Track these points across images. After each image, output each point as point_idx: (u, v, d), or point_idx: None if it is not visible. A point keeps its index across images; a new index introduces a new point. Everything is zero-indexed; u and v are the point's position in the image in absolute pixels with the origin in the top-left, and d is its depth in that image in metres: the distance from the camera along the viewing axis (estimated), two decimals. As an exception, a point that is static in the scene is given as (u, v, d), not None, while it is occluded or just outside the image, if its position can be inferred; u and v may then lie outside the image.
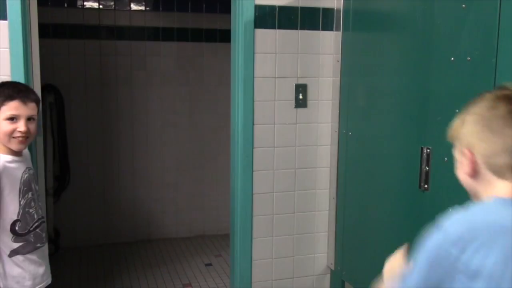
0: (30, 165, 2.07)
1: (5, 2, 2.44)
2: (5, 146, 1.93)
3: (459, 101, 1.89)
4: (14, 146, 1.93)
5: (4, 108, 1.88)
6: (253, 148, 2.87)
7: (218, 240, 4.73)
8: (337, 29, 2.87)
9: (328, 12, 2.91)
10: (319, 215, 3.06)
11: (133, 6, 4.52)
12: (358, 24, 2.71)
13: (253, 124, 2.86)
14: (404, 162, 2.24)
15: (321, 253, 3.09)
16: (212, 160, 4.83)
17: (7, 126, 1.89)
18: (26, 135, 1.93)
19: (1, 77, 2.48)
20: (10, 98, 1.90)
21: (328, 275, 3.12)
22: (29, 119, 1.95)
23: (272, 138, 2.91)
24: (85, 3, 4.40)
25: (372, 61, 2.58)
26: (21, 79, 2.47)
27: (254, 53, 2.81)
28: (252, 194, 2.90)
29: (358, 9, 2.70)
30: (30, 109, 1.94)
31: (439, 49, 2.00)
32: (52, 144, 4.09)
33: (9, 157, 1.93)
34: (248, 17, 2.77)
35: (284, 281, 3.05)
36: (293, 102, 2.92)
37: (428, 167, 2.05)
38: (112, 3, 4.46)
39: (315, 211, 3.05)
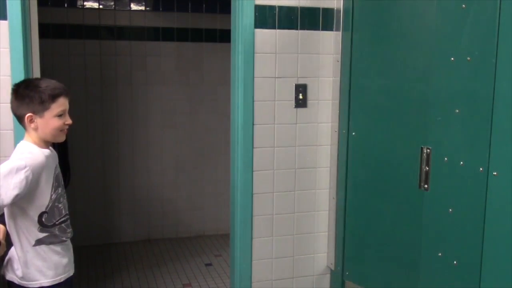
0: (57, 162, 2.13)
1: (5, 2, 2.44)
2: (42, 140, 2.00)
3: (459, 101, 1.90)
4: (61, 138, 2.06)
5: (54, 105, 1.95)
6: (253, 148, 2.87)
7: (218, 240, 4.73)
8: (337, 29, 2.88)
9: (328, 12, 2.91)
10: (319, 215, 3.06)
11: (133, 6, 4.52)
12: (358, 24, 2.71)
13: (253, 124, 2.86)
14: (404, 162, 2.24)
15: (321, 253, 3.09)
16: (212, 160, 4.83)
17: (58, 122, 1.98)
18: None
19: (1, 77, 2.48)
20: (58, 95, 1.96)
21: (328, 275, 3.12)
22: None
23: (272, 138, 2.91)
24: (85, 3, 4.40)
25: (372, 61, 2.58)
26: (21, 79, 2.47)
27: (254, 53, 2.81)
28: (252, 194, 2.91)
29: (358, 9, 2.70)
30: (68, 102, 2.03)
31: (439, 49, 2.00)
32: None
33: (47, 151, 2.01)
34: (248, 17, 2.77)
35: (284, 281, 3.05)
36: (293, 102, 2.92)
37: (428, 167, 2.05)
38: (112, 3, 4.46)
39: (315, 211, 3.05)
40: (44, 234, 1.97)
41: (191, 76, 4.72)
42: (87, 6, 4.40)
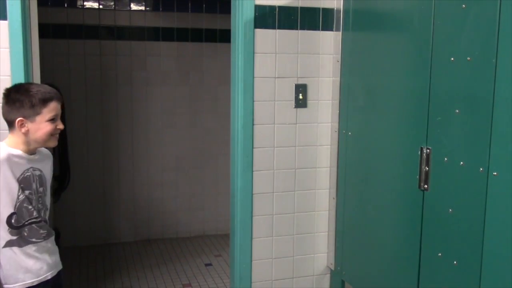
0: (41, 167, 2.07)
1: (5, 2, 2.44)
2: (29, 145, 1.98)
3: (459, 101, 1.90)
4: (53, 143, 2.03)
5: (45, 110, 1.95)
6: (253, 148, 2.87)
7: (218, 240, 4.73)
8: (337, 29, 2.87)
9: (328, 12, 2.91)
10: (319, 215, 3.06)
11: (133, 6, 4.52)
12: (358, 24, 2.71)
13: (253, 124, 2.86)
14: (404, 162, 2.24)
15: (321, 253, 3.09)
16: (212, 160, 4.83)
17: (50, 126, 1.98)
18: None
19: (1, 77, 2.48)
20: (49, 99, 1.96)
21: (328, 275, 3.12)
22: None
23: (272, 138, 2.91)
24: (85, 3, 4.40)
25: (372, 61, 2.58)
26: (21, 79, 2.48)
27: (254, 53, 2.81)
28: (252, 194, 2.91)
29: (358, 9, 2.70)
30: (60, 107, 2.04)
31: (439, 49, 2.00)
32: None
33: (18, 152, 1.96)
34: (248, 17, 2.77)
35: (284, 281, 3.05)
36: (293, 102, 2.92)
37: (428, 167, 2.05)
38: (112, 3, 4.46)
39: (315, 211, 3.05)
40: (15, 237, 1.94)
41: (191, 76, 4.72)
42: (87, 6, 4.41)
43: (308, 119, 2.96)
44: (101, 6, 4.43)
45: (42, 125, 1.96)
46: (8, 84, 2.47)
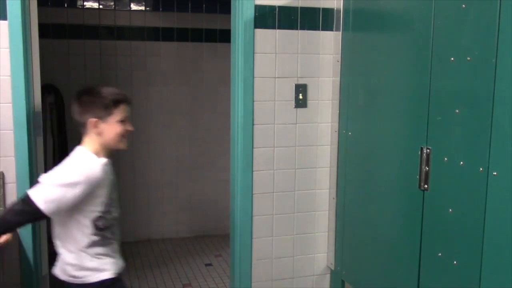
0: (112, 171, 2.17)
1: (5, 2, 2.44)
2: (104, 148, 2.06)
3: (459, 101, 1.90)
4: (123, 145, 2.12)
5: (117, 111, 2.03)
6: (253, 148, 2.87)
7: (218, 240, 4.73)
8: (337, 29, 2.87)
9: (328, 12, 2.91)
10: (319, 215, 3.06)
11: (133, 6, 4.52)
12: (358, 24, 2.71)
13: (253, 124, 2.86)
14: (404, 162, 2.24)
15: (321, 253, 3.09)
16: (212, 160, 4.83)
17: (121, 127, 2.06)
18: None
19: (1, 77, 2.48)
20: (121, 101, 2.04)
21: (328, 275, 3.12)
22: None
23: (272, 138, 2.91)
24: (85, 3, 4.40)
25: (372, 61, 2.58)
26: (21, 79, 2.48)
27: (254, 53, 2.81)
28: (252, 194, 2.90)
29: (358, 9, 2.70)
30: (129, 109, 2.12)
31: (439, 49, 2.00)
32: (52, 144, 4.09)
33: (105, 160, 2.06)
34: (248, 17, 2.77)
35: (284, 281, 3.05)
36: (293, 102, 2.92)
37: (428, 167, 2.05)
38: (112, 3, 4.46)
39: (315, 211, 3.05)
40: (97, 238, 1.99)
41: (191, 76, 4.72)
42: (87, 6, 4.41)
43: (308, 119, 2.96)
44: (101, 6, 4.43)
45: (114, 125, 2.03)
46: (8, 84, 2.48)
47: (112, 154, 2.14)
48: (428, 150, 2.05)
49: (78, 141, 2.07)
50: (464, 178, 1.86)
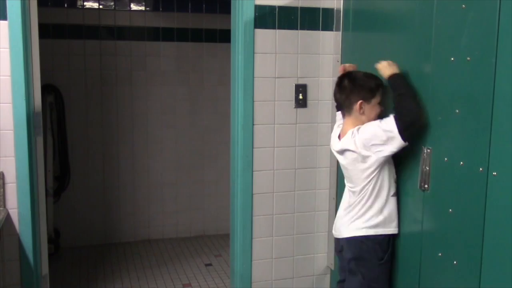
0: None
1: (5, 2, 2.44)
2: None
3: (459, 101, 1.90)
4: None
5: (378, 93, 2.23)
6: (253, 148, 2.87)
7: (218, 240, 4.73)
8: (337, 29, 2.87)
9: (328, 12, 2.91)
10: (319, 215, 3.06)
11: (133, 6, 4.52)
12: (358, 24, 2.71)
13: (253, 124, 2.86)
14: (404, 162, 2.24)
15: (321, 253, 3.09)
16: (212, 160, 4.83)
17: (380, 109, 2.26)
18: None
19: (1, 77, 2.49)
20: (380, 85, 2.24)
21: (328, 275, 3.12)
22: None
23: (272, 138, 2.91)
24: (85, 3, 4.40)
25: (372, 61, 2.57)
26: (21, 79, 2.48)
27: (254, 53, 2.81)
28: (252, 194, 2.91)
29: (358, 9, 2.70)
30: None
31: (439, 49, 2.00)
32: (52, 144, 4.09)
33: None
34: (248, 17, 2.77)
35: (284, 281, 3.05)
36: (293, 102, 2.92)
37: (428, 167, 2.05)
38: (112, 3, 4.46)
39: (315, 211, 3.05)
40: (396, 185, 2.24)
41: (191, 76, 4.72)
42: (87, 6, 4.41)
43: (308, 119, 2.96)
44: (101, 6, 4.43)
45: (375, 107, 2.24)
46: (8, 84, 2.49)
47: (112, 153, 2.13)
48: (429, 150, 2.05)
49: (77, 141, 2.07)
50: (464, 178, 1.86)
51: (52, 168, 4.11)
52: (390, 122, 2.09)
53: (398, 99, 2.11)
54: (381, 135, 2.10)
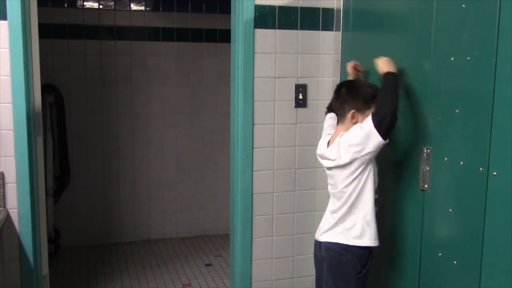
0: None
1: (5, 2, 2.44)
2: None
3: (459, 101, 1.90)
4: None
5: (373, 104, 2.16)
6: (253, 148, 2.87)
7: (218, 240, 4.73)
8: (337, 29, 2.87)
9: (328, 12, 2.91)
10: (319, 215, 3.05)
11: (133, 6, 4.52)
12: (358, 24, 2.71)
13: (253, 124, 2.86)
14: (404, 162, 2.24)
15: (321, 253, 3.09)
16: (212, 160, 4.83)
17: None
18: None
19: (1, 77, 2.48)
20: (376, 96, 2.16)
21: (328, 275, 3.12)
22: None
23: (272, 138, 2.91)
24: (85, 3, 4.40)
25: (372, 61, 2.57)
26: (21, 79, 2.48)
27: (254, 53, 2.81)
28: (252, 194, 2.91)
29: (358, 9, 2.70)
30: None
31: (439, 49, 2.00)
32: (52, 144, 4.10)
33: None
34: (248, 17, 2.77)
35: (284, 281, 3.05)
36: (293, 102, 2.92)
37: (428, 167, 2.05)
38: (112, 3, 4.46)
39: (315, 211, 3.05)
40: (376, 196, 2.17)
41: (191, 76, 4.72)
42: (87, 6, 4.41)
43: (308, 119, 2.96)
44: (101, 6, 4.44)
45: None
46: (8, 84, 2.48)
47: (112, 153, 2.13)
48: (429, 150, 2.05)
49: (77, 141, 2.07)
50: (464, 178, 1.86)
51: (52, 168, 4.11)
52: (367, 120, 2.09)
53: (379, 94, 2.12)
54: (359, 133, 2.09)
